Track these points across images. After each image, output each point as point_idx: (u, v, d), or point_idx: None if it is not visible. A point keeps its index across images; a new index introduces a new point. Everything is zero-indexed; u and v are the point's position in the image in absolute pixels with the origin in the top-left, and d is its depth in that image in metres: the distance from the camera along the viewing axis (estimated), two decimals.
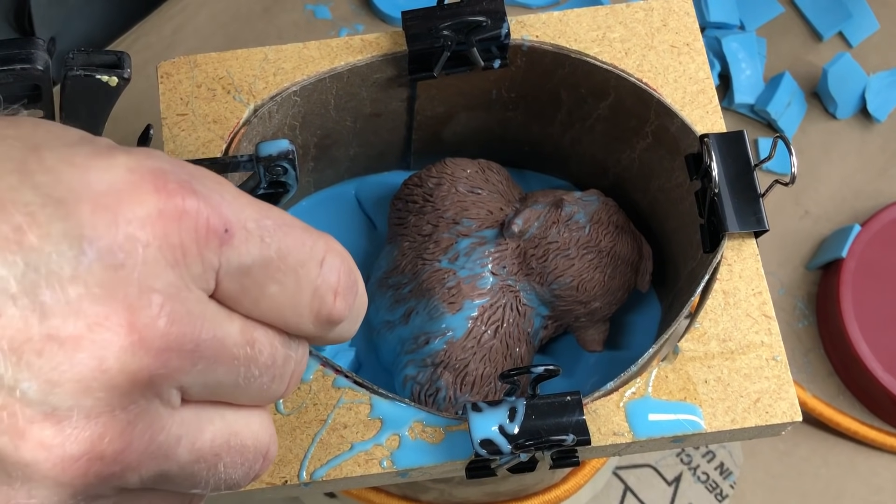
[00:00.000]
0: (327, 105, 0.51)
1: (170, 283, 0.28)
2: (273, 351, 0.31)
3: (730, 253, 0.46)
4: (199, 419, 0.30)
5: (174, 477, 0.30)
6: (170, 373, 0.28)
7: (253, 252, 0.30)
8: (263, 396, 0.31)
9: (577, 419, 0.42)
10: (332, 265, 0.31)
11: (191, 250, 0.29)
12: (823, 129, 0.73)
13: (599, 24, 0.50)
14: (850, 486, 0.66)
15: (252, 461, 0.32)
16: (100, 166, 0.29)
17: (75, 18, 0.68)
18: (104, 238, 0.28)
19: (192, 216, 0.29)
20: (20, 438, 0.27)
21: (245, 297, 0.30)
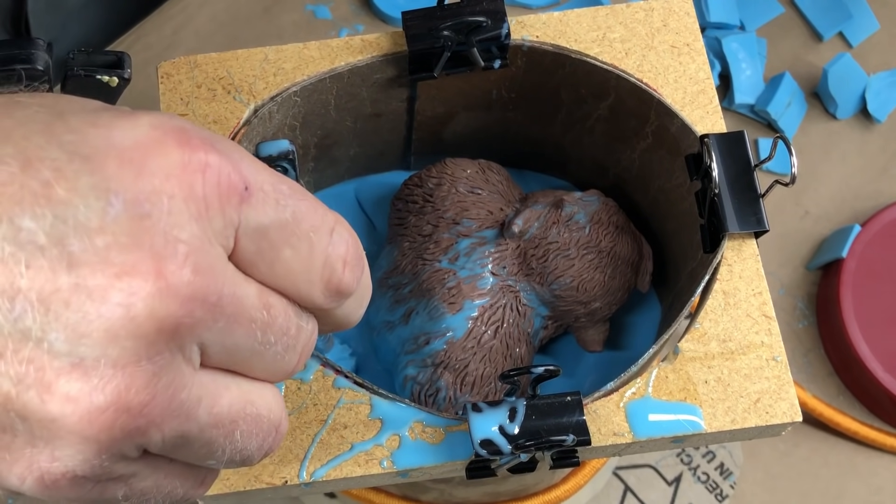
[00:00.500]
0: (327, 105, 0.51)
1: (194, 234, 0.29)
2: (287, 319, 0.31)
3: (730, 253, 0.46)
4: (216, 384, 0.30)
5: (193, 441, 0.30)
6: (194, 323, 0.29)
7: (270, 213, 0.30)
8: (277, 367, 0.32)
9: (578, 419, 0.42)
10: (342, 236, 0.32)
11: (213, 204, 0.29)
12: (824, 130, 0.73)
13: (600, 24, 0.50)
14: (850, 486, 0.66)
15: (266, 432, 0.32)
16: (124, 125, 0.29)
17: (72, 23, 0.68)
18: (130, 190, 0.28)
19: (215, 171, 0.29)
20: (47, 392, 0.28)
21: (261, 259, 0.30)
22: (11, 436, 0.28)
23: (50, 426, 0.28)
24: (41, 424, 0.28)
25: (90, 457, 0.29)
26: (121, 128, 0.29)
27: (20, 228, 0.27)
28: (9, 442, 0.29)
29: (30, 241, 0.27)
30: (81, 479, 0.29)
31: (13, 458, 0.29)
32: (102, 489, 0.30)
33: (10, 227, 0.27)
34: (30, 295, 0.27)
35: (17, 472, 0.29)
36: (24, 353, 0.27)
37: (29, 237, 0.27)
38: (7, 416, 0.28)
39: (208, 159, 0.29)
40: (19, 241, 0.27)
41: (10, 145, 0.28)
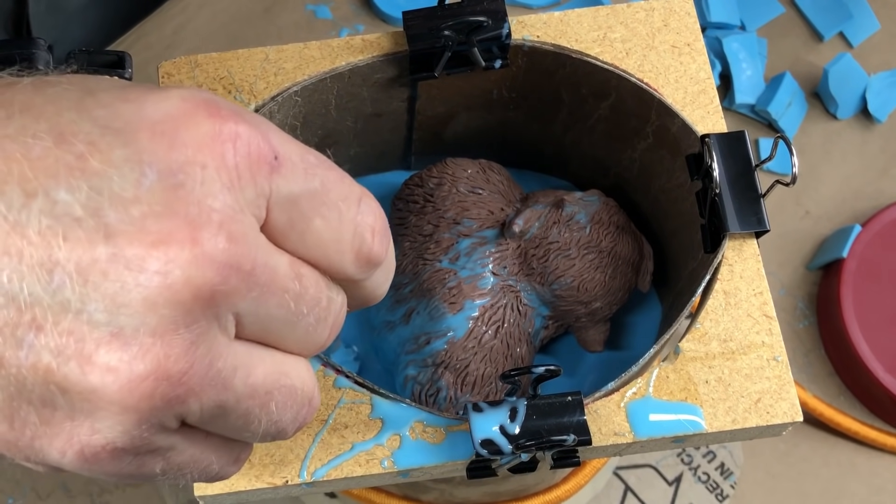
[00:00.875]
0: (328, 105, 0.51)
1: (226, 204, 0.29)
2: (318, 290, 0.31)
3: (731, 253, 0.46)
4: (251, 355, 0.31)
5: (230, 411, 0.30)
6: (229, 291, 0.29)
7: (300, 182, 0.31)
8: (309, 340, 0.32)
9: (578, 419, 0.42)
10: (370, 205, 0.32)
11: (244, 174, 0.29)
12: (824, 130, 0.73)
13: (600, 24, 0.50)
14: (851, 486, 0.66)
15: (300, 404, 0.32)
16: (154, 99, 0.29)
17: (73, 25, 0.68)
18: (163, 161, 0.28)
19: (245, 141, 0.29)
20: (87, 363, 0.28)
21: (292, 230, 0.31)
22: (52, 410, 0.29)
23: (90, 397, 0.28)
24: (81, 396, 0.28)
25: (130, 427, 0.29)
26: (151, 101, 0.29)
27: (56, 201, 0.27)
28: (49, 416, 0.29)
29: (66, 214, 0.27)
30: (121, 452, 0.29)
31: (53, 433, 0.29)
32: (141, 463, 0.30)
33: (45, 199, 0.27)
34: (68, 266, 0.27)
35: (57, 446, 0.29)
36: (64, 324, 0.28)
37: (65, 209, 0.27)
38: (48, 390, 0.28)
39: (238, 129, 0.30)
40: (55, 214, 0.27)
41: (42, 121, 0.28)
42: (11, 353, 0.28)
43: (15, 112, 0.28)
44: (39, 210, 0.27)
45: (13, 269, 0.27)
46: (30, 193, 0.27)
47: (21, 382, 0.28)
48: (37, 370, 0.28)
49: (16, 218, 0.27)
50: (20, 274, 0.27)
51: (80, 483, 0.64)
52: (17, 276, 0.27)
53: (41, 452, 0.29)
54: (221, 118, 0.29)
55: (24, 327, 0.28)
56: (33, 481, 0.64)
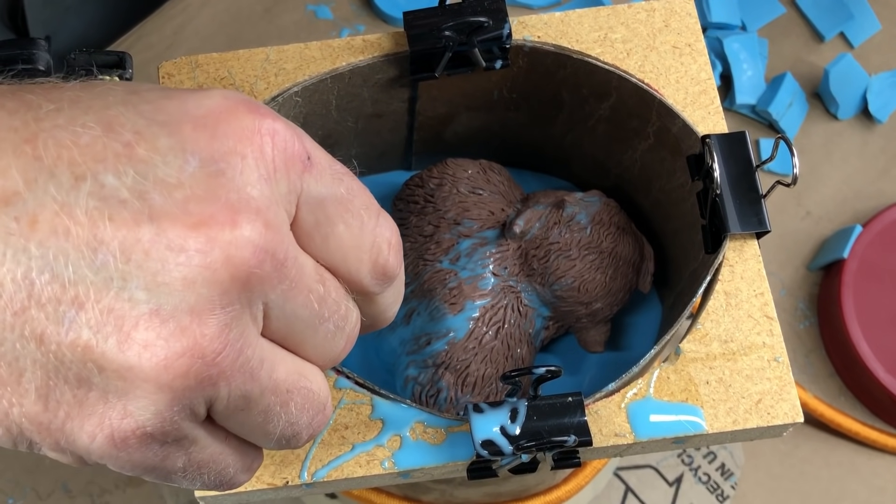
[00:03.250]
0: (329, 105, 0.51)
1: (263, 194, 0.30)
2: (339, 297, 0.33)
3: (731, 254, 0.46)
4: (274, 352, 0.32)
5: (254, 404, 0.31)
6: (263, 277, 0.30)
7: (328, 185, 0.32)
8: (327, 347, 0.33)
9: (579, 420, 0.42)
10: (387, 220, 0.34)
11: (280, 168, 0.31)
12: (825, 130, 0.73)
13: (601, 24, 0.50)
14: (852, 487, 0.66)
15: (316, 409, 0.33)
16: (196, 97, 0.31)
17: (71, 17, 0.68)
18: (205, 150, 0.30)
19: (282, 137, 0.31)
20: (126, 340, 0.29)
21: (317, 232, 0.32)
22: (86, 390, 0.29)
23: (126, 375, 0.29)
24: (118, 374, 0.29)
25: (162, 408, 0.29)
26: (194, 98, 0.31)
27: (103, 185, 0.29)
28: (82, 397, 0.29)
29: (113, 196, 0.29)
30: (149, 438, 0.30)
31: (85, 415, 0.30)
32: (165, 454, 0.31)
33: (94, 183, 0.29)
34: (112, 245, 0.28)
35: (88, 429, 0.30)
36: (105, 301, 0.28)
37: (112, 192, 0.29)
38: (85, 368, 0.29)
39: (276, 126, 0.31)
40: (103, 196, 0.29)
41: (91, 113, 0.30)
42: (53, 328, 0.28)
43: (64, 106, 0.30)
44: (88, 192, 0.28)
45: (59, 247, 0.28)
46: (79, 177, 0.29)
47: (59, 359, 0.29)
48: (76, 347, 0.28)
49: (64, 199, 0.28)
50: (66, 252, 0.28)
51: (81, 483, 0.64)
52: (62, 255, 0.28)
53: (72, 436, 0.30)
54: (261, 114, 0.31)
55: (67, 304, 0.28)
56: (34, 481, 0.64)
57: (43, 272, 0.28)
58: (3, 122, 0.29)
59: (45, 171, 0.28)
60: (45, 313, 0.28)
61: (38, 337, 0.28)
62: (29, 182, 0.28)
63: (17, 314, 0.28)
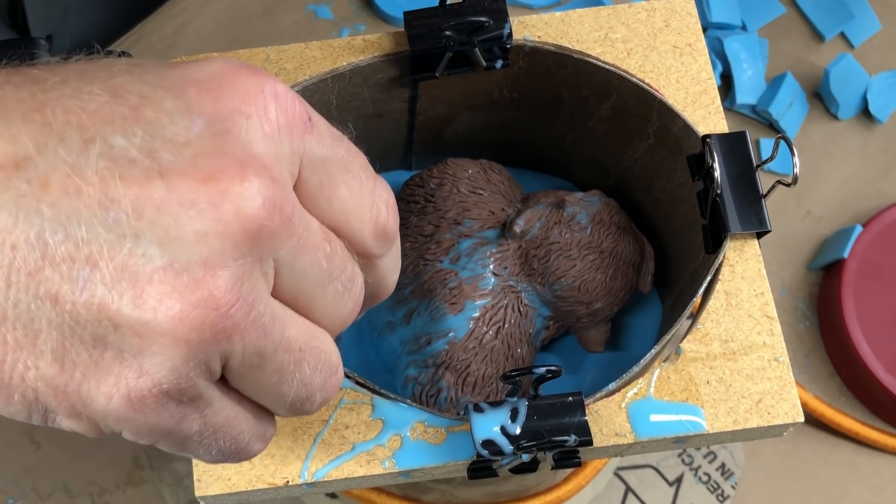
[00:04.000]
0: (329, 105, 0.51)
1: (268, 151, 0.31)
2: (344, 258, 0.33)
3: (732, 253, 0.46)
4: (286, 312, 0.32)
5: (268, 361, 0.31)
6: (274, 230, 0.30)
7: (329, 147, 0.33)
8: (335, 308, 0.33)
9: (579, 420, 0.42)
10: (383, 182, 0.34)
11: (283, 128, 0.31)
12: (825, 130, 0.73)
13: (601, 24, 0.50)
14: (852, 487, 0.66)
15: (329, 371, 0.33)
16: (199, 63, 0.32)
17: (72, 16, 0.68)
18: (210, 111, 0.30)
19: (284, 98, 0.31)
20: (140, 295, 0.29)
21: (321, 193, 0.32)
22: (102, 350, 0.29)
23: (141, 331, 0.29)
24: (133, 331, 0.29)
25: (178, 363, 0.30)
26: (197, 65, 0.32)
27: (113, 146, 0.29)
28: (98, 357, 0.29)
29: (122, 156, 0.29)
30: (166, 396, 0.30)
31: (101, 375, 0.30)
32: (182, 417, 0.31)
33: (103, 144, 0.29)
34: (124, 203, 0.29)
35: (104, 390, 0.30)
36: (119, 259, 0.29)
37: (122, 152, 0.29)
38: (100, 326, 0.29)
39: (278, 88, 0.31)
40: (113, 156, 0.29)
41: (97, 82, 0.30)
42: (67, 288, 0.29)
43: (70, 78, 0.30)
44: (97, 154, 0.29)
45: (71, 207, 0.28)
46: (88, 139, 0.29)
47: (75, 319, 0.29)
48: (91, 305, 0.29)
49: (75, 161, 0.29)
50: (78, 212, 0.28)
51: (81, 483, 0.64)
52: (75, 215, 0.28)
53: (88, 398, 0.30)
54: (263, 77, 0.31)
55: (80, 263, 0.28)
56: (34, 481, 0.64)
57: (56, 232, 0.28)
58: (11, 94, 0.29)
59: (54, 135, 0.29)
60: (59, 273, 0.28)
61: (53, 297, 0.29)
62: (39, 146, 0.29)
63: (31, 275, 0.28)
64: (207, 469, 0.42)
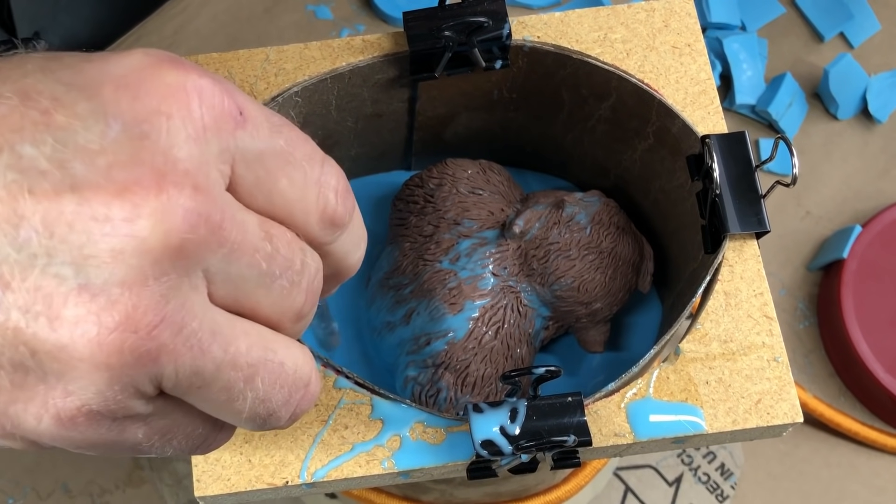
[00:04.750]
0: (329, 105, 0.51)
1: (192, 155, 0.28)
2: (290, 251, 0.31)
3: (731, 254, 0.46)
4: (232, 325, 0.30)
5: (210, 381, 0.30)
6: (198, 243, 0.28)
7: (265, 139, 0.30)
8: (285, 304, 0.31)
9: (579, 420, 0.42)
10: (331, 168, 0.32)
11: (210, 126, 0.29)
12: (825, 130, 0.73)
13: (601, 24, 0.50)
14: (851, 487, 0.66)
15: (292, 386, 0.32)
16: (117, 57, 0.29)
17: (61, 13, 0.67)
18: (128, 112, 0.28)
19: (210, 93, 0.29)
20: (56, 319, 0.27)
21: (259, 189, 0.30)
22: (24, 373, 0.28)
23: (60, 356, 0.28)
24: (51, 356, 0.28)
25: (103, 387, 0.28)
26: (114, 59, 0.29)
27: (21, 155, 0.27)
28: (21, 380, 0.28)
29: (31, 167, 0.27)
30: (97, 415, 0.29)
31: (27, 398, 0.28)
32: (121, 429, 0.30)
33: (11, 154, 0.27)
34: (34, 220, 0.27)
35: (32, 411, 0.28)
36: (31, 280, 0.27)
37: (31, 163, 0.27)
38: (17, 352, 0.28)
39: (203, 82, 0.29)
40: (21, 168, 0.27)
41: (8, 83, 0.28)
42: None
43: None
44: (5, 165, 0.27)
45: None
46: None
47: None
48: (6, 330, 0.27)
49: None
50: None
51: (81, 483, 0.64)
52: None
53: (17, 419, 0.29)
54: (186, 70, 0.29)
55: None
56: (34, 481, 0.64)
57: None
58: None
59: None
60: None
61: None
62: None
63: None
64: (207, 469, 0.42)
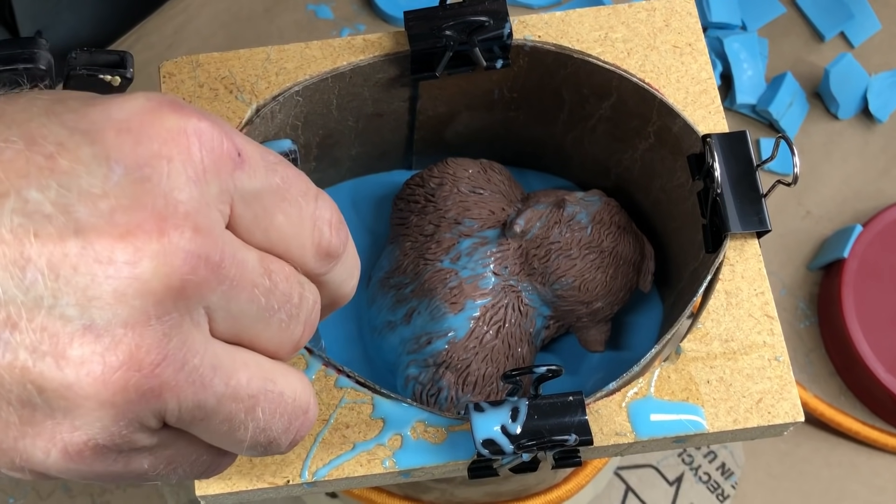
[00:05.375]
0: (329, 105, 0.51)
1: (192, 197, 0.29)
2: (288, 286, 0.32)
3: (732, 253, 0.46)
4: (232, 358, 0.31)
5: (212, 414, 0.31)
6: (199, 282, 0.29)
7: (262, 178, 0.31)
8: (284, 337, 0.32)
9: (580, 419, 0.42)
10: (326, 201, 0.33)
11: (210, 168, 0.30)
12: (825, 130, 0.73)
13: (602, 24, 0.50)
14: (852, 486, 0.66)
15: (292, 415, 0.33)
16: (119, 101, 0.30)
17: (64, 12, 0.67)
18: (130, 156, 0.29)
19: (209, 136, 0.30)
20: (62, 358, 0.28)
21: (257, 226, 0.31)
22: (31, 410, 0.29)
23: (66, 394, 0.29)
24: (58, 394, 0.29)
25: (108, 423, 0.29)
26: (117, 103, 0.30)
27: (27, 200, 0.28)
28: (29, 416, 0.29)
29: (37, 211, 0.28)
30: (104, 449, 0.30)
31: (35, 432, 0.29)
32: (127, 460, 0.31)
33: (17, 199, 0.28)
34: (39, 263, 0.28)
35: (40, 445, 0.29)
36: (38, 321, 0.28)
37: (36, 207, 0.28)
38: (25, 389, 0.29)
39: (202, 126, 0.30)
40: (27, 212, 0.28)
41: (14, 127, 0.29)
42: None
43: None
44: (11, 209, 0.28)
45: None
46: (2, 194, 0.28)
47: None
48: (13, 369, 0.28)
49: None
50: None
51: (81, 483, 0.64)
52: None
53: (26, 453, 0.30)
54: (186, 114, 0.30)
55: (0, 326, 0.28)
56: (34, 481, 0.64)
57: None
58: None
59: None
60: None
61: None
62: None
63: None
64: None
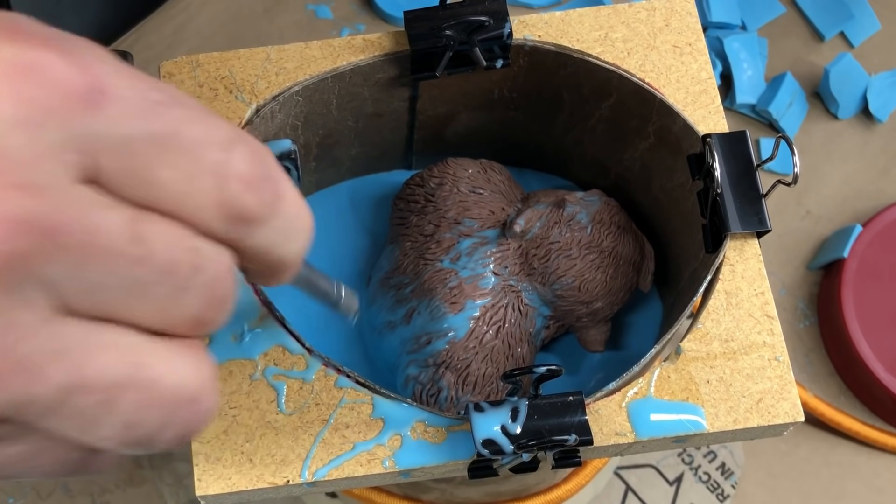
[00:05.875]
0: (329, 105, 0.51)
1: (21, 146, 0.24)
2: (172, 253, 0.26)
3: (732, 253, 0.46)
4: (88, 339, 0.25)
5: (53, 407, 0.25)
6: (25, 254, 0.24)
7: (132, 123, 0.25)
8: (172, 313, 0.26)
9: (580, 419, 0.42)
10: (242, 153, 0.27)
11: (49, 110, 0.24)
12: (825, 130, 0.73)
13: (602, 24, 0.50)
14: (852, 486, 0.66)
15: (171, 405, 0.27)
16: None
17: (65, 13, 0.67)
18: None
19: (53, 70, 0.24)
20: None
21: (130, 181, 0.25)
22: None
23: None
24: None
25: None
26: None
27: None
28: None
29: None
30: None
31: None
32: None
33: None
34: None
35: None
36: None
37: None
38: None
39: (45, 56, 0.24)
40: None
41: None
42: None
43: None
44: None
45: None
46: None
47: None
48: None
49: None
50: None
51: (81, 483, 0.64)
52: None
53: None
54: (25, 42, 0.25)
55: None
56: (34, 481, 0.64)
57: None
58: None
59: None
60: None
61: None
62: None
63: None
64: (208, 468, 0.42)
